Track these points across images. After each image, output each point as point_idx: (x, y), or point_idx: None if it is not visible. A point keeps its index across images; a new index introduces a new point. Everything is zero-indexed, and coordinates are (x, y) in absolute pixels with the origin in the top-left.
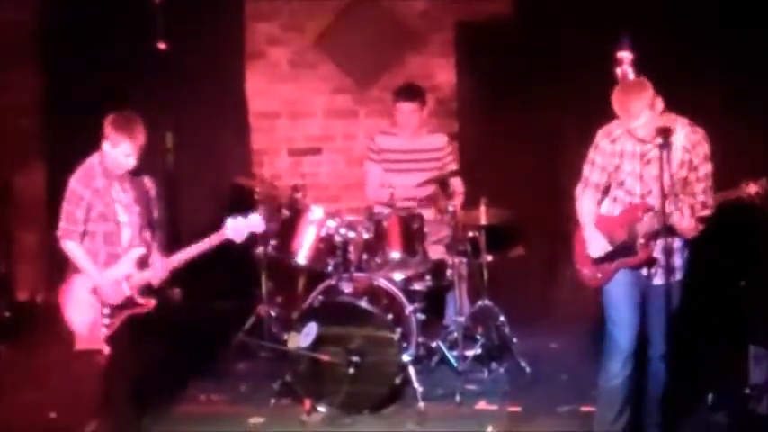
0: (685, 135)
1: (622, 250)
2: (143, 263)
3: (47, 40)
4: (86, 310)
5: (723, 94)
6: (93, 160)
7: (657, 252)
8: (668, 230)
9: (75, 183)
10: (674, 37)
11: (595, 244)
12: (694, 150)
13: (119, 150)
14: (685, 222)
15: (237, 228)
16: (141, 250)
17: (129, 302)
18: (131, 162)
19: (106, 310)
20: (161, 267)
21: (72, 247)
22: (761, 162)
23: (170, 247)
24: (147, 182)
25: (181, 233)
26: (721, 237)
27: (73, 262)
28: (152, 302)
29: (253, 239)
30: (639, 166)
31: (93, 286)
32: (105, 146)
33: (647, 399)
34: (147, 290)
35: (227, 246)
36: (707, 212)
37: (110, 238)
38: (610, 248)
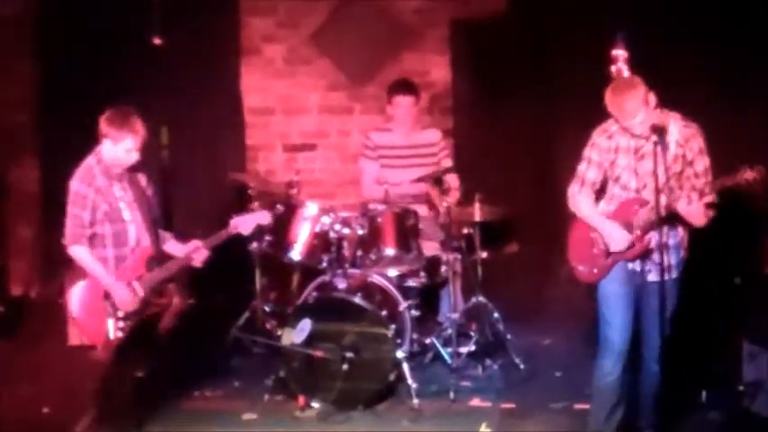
0: (678, 130)
1: None
2: (152, 262)
3: (43, 35)
4: (98, 316)
5: (719, 90)
6: (89, 161)
7: (654, 245)
8: (672, 219)
9: (77, 184)
10: (669, 34)
11: (617, 235)
12: (687, 144)
13: (121, 147)
14: (693, 207)
15: (244, 222)
16: (149, 249)
17: (143, 304)
18: (134, 157)
19: (120, 314)
20: (193, 247)
21: (81, 253)
22: (757, 155)
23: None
24: (143, 178)
25: (175, 229)
26: (715, 233)
27: (81, 267)
28: (164, 302)
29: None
30: (634, 161)
31: (106, 291)
32: (105, 144)
33: (641, 399)
34: (159, 289)
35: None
36: (710, 198)
37: (118, 238)
38: (632, 237)
